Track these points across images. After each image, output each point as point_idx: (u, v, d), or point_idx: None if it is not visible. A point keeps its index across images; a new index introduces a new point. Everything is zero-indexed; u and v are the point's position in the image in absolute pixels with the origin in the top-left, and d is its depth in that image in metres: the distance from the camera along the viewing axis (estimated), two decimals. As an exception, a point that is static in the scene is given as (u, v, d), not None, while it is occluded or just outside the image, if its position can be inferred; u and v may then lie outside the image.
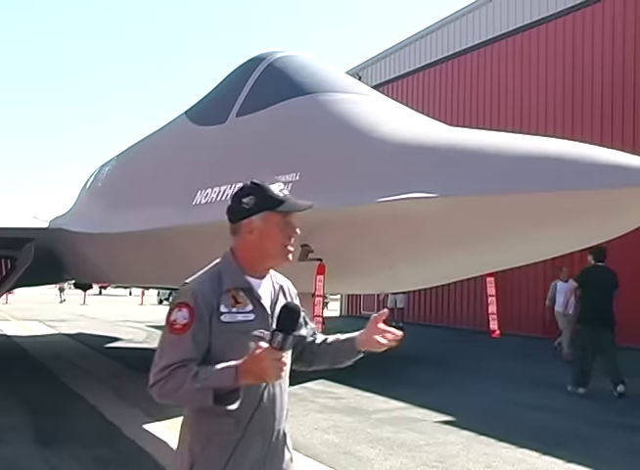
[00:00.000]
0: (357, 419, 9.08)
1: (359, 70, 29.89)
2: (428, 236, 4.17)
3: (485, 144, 3.96)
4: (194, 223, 6.09)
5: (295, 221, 2.87)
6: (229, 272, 2.81)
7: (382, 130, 4.63)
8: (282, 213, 2.82)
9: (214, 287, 2.73)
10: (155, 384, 2.61)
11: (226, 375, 2.52)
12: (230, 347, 2.64)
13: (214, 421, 2.67)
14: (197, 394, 2.53)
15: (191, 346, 2.63)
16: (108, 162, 11.47)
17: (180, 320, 2.67)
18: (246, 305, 2.76)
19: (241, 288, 2.79)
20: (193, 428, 2.76)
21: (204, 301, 2.68)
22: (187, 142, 7.42)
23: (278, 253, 2.84)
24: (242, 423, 2.66)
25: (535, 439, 7.98)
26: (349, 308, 30.82)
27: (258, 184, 2.87)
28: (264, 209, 2.81)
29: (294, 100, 5.65)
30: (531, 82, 21.09)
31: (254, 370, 2.48)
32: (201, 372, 2.55)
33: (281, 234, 2.82)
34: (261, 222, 2.81)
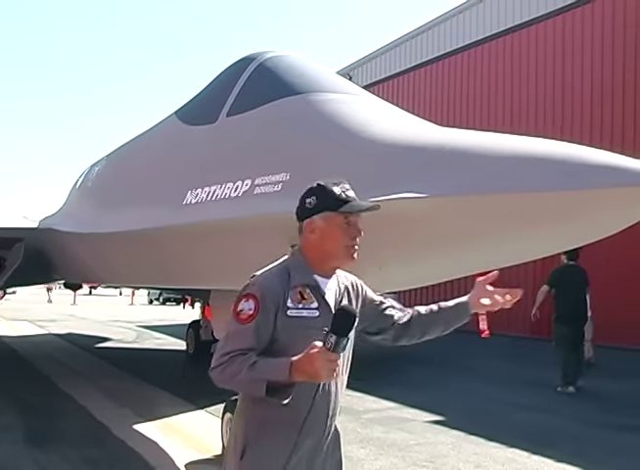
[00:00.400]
0: (347, 419, 9.07)
1: (350, 69, 29.93)
2: (418, 236, 4.17)
3: (475, 144, 3.97)
4: (184, 223, 6.09)
5: (358, 222, 2.90)
6: (297, 269, 2.88)
7: (372, 130, 4.63)
8: (343, 214, 2.84)
9: (282, 282, 2.81)
10: (215, 368, 2.72)
11: (281, 369, 2.57)
12: (294, 341, 2.69)
13: (269, 409, 2.72)
14: (251, 383, 2.61)
15: (253, 336, 2.72)
16: (98, 161, 11.45)
17: (246, 311, 2.75)
18: (312, 301, 2.82)
19: (307, 285, 2.85)
20: (246, 416, 2.86)
21: (270, 294, 2.76)
22: (177, 142, 7.41)
23: (340, 253, 2.89)
24: (296, 413, 2.75)
25: (525, 438, 8.00)
26: (340, 308, 30.79)
27: (322, 185, 2.92)
28: (325, 209, 2.85)
29: (284, 100, 5.64)
30: (521, 83, 21.17)
31: (307, 369, 2.53)
32: (258, 363, 2.62)
33: (343, 234, 2.86)
34: (323, 222, 2.86)
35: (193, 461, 7.03)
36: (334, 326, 2.54)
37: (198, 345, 15.98)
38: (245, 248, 5.53)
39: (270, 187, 4.99)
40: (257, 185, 5.13)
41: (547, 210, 3.50)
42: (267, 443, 2.77)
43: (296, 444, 2.78)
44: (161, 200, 6.85)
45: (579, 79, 19.30)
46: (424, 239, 4.18)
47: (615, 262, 16.80)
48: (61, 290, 31.21)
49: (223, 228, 5.61)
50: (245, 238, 5.44)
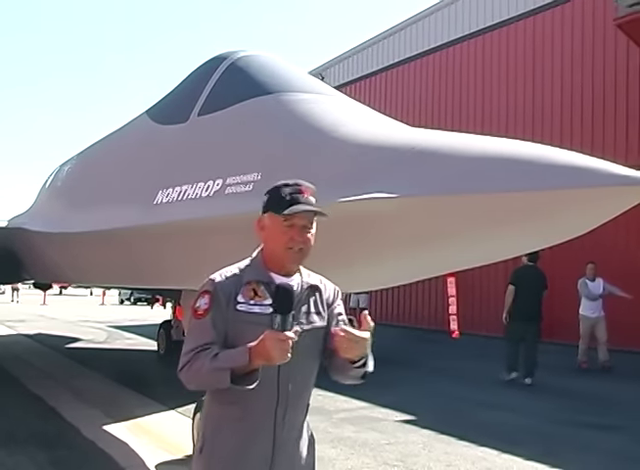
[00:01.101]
0: (319, 419, 9.08)
1: (322, 70, 29.92)
2: (389, 236, 4.18)
3: (445, 144, 3.99)
4: (155, 223, 6.06)
5: (304, 225, 2.89)
6: (253, 266, 2.95)
7: (343, 130, 4.64)
8: (283, 217, 2.84)
9: (235, 278, 2.88)
10: (182, 368, 2.77)
11: (240, 355, 2.63)
12: (243, 336, 2.72)
13: (223, 408, 2.84)
14: (215, 374, 2.65)
15: (211, 329, 2.79)
16: (68, 160, 11.36)
17: (202, 306, 2.84)
18: (265, 298, 2.82)
19: (261, 281, 2.87)
20: (205, 414, 2.97)
21: (222, 289, 2.83)
22: (148, 141, 7.38)
23: (282, 254, 2.89)
24: (249, 411, 2.80)
25: (495, 437, 8.06)
26: (312, 308, 30.81)
27: (277, 185, 2.96)
28: (270, 209, 2.91)
29: (255, 100, 5.64)
30: (493, 84, 21.29)
31: (262, 352, 2.57)
32: (219, 354, 2.68)
33: (283, 236, 2.87)
34: (269, 222, 2.92)
35: (163, 462, 6.99)
36: (275, 305, 2.67)
37: (169, 345, 15.92)
38: (216, 248, 5.52)
39: (241, 187, 4.98)
40: (229, 185, 5.12)
41: (515, 210, 3.53)
42: (220, 440, 2.84)
43: (248, 440, 2.82)
44: (132, 199, 6.81)
45: (549, 81, 19.45)
46: (394, 239, 4.19)
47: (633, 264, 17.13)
48: (30, 290, 30.93)
49: (194, 228, 5.59)
50: (216, 238, 5.42)
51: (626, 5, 13.68)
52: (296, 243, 2.87)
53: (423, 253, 4.25)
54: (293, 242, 2.86)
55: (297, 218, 2.86)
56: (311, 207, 2.90)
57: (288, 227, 2.86)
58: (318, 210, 2.92)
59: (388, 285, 5.68)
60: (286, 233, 2.86)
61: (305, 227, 2.90)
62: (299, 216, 2.87)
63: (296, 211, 2.83)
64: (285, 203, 2.85)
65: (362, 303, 23.49)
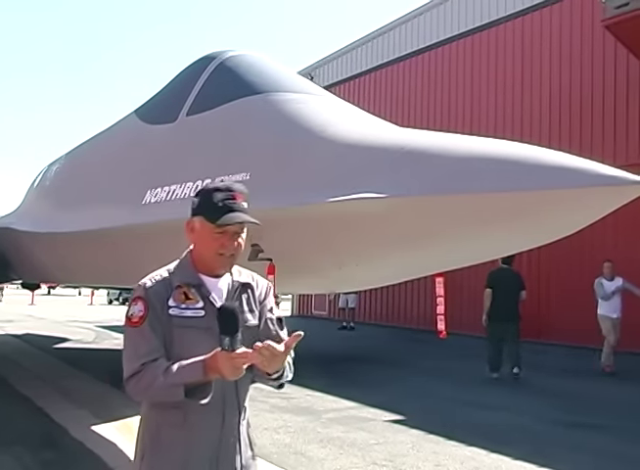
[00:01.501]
0: (308, 419, 9.09)
1: (311, 70, 29.91)
2: (377, 236, 4.19)
3: (434, 145, 4.00)
4: (143, 223, 6.05)
5: (236, 232, 2.84)
6: (183, 269, 2.88)
7: (332, 131, 4.64)
8: (217, 224, 2.78)
9: (166, 282, 2.81)
10: (130, 378, 2.70)
11: (195, 370, 2.58)
12: (176, 341, 2.73)
13: (163, 413, 2.75)
14: (169, 389, 2.59)
15: (151, 336, 2.71)
16: (56, 160, 11.31)
17: (136, 313, 2.74)
18: (197, 301, 2.79)
19: (191, 284, 2.82)
20: (146, 419, 2.85)
21: (154, 294, 2.75)
22: (137, 141, 7.36)
23: (212, 259, 2.86)
24: (191, 416, 2.73)
25: (484, 437, 8.07)
26: (301, 308, 30.84)
27: (208, 188, 2.89)
28: (201, 213, 2.84)
29: (244, 99, 5.63)
30: (482, 84, 21.33)
31: (214, 369, 2.55)
32: (171, 368, 2.60)
33: (214, 242, 2.82)
34: (199, 225, 2.85)
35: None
36: (221, 328, 2.57)
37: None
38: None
39: (230, 187, 4.98)
40: (217, 185, 5.13)
41: (504, 210, 3.54)
42: (161, 447, 2.78)
43: (191, 445, 2.78)
44: (120, 199, 6.80)
45: (538, 81, 19.50)
46: (383, 239, 4.20)
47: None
48: (18, 290, 30.81)
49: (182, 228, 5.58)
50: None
51: (614, 6, 13.73)
52: (227, 249, 2.83)
53: (412, 253, 4.26)
54: (224, 248, 2.82)
55: (230, 226, 2.81)
56: (244, 215, 2.81)
57: (219, 234, 2.81)
58: (251, 220, 2.84)
59: (378, 285, 5.70)
60: (217, 240, 2.81)
61: (237, 233, 2.86)
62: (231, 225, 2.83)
63: (229, 222, 2.77)
64: (218, 210, 2.78)
65: (351, 303, 23.50)
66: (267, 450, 7.44)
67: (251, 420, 8.41)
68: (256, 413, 9.38)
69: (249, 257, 4.70)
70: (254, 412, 9.34)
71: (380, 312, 24.69)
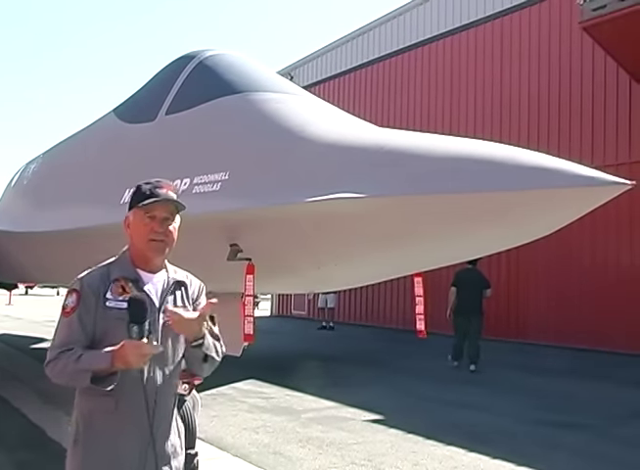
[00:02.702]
0: (287, 419, 9.08)
1: (291, 69, 29.92)
2: (356, 236, 4.19)
3: (413, 145, 4.00)
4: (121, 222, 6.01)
5: (164, 218, 3.03)
6: (121, 264, 3.06)
7: (311, 130, 4.64)
8: (144, 209, 3.00)
9: (103, 276, 2.99)
10: (48, 363, 2.92)
11: (103, 359, 2.75)
12: (111, 331, 2.87)
13: (95, 400, 2.89)
14: (77, 374, 2.79)
15: (78, 327, 2.90)
16: (34, 159, 11.25)
17: (69, 304, 2.97)
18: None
19: (128, 278, 2.99)
20: (79, 407, 3.02)
21: (90, 287, 2.94)
22: (115, 140, 7.32)
23: (145, 246, 3.02)
24: (121, 402, 2.88)
25: (463, 436, 8.10)
26: (280, 308, 30.84)
27: (139, 184, 3.12)
28: (134, 206, 3.06)
29: (223, 99, 5.62)
30: (461, 85, 21.43)
31: (121, 357, 2.72)
32: (83, 356, 2.79)
33: (145, 228, 3.01)
34: (132, 218, 3.07)
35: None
36: (130, 316, 2.79)
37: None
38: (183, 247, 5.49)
39: (209, 186, 4.96)
40: (196, 184, 5.10)
41: (483, 210, 3.55)
42: (94, 433, 2.92)
43: (122, 430, 2.90)
44: (99, 199, 6.76)
45: (517, 82, 19.62)
46: (362, 239, 4.20)
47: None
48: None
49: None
50: (183, 237, 5.38)
51: (591, 9, 13.83)
52: (157, 234, 3.01)
53: (390, 253, 4.27)
54: (154, 233, 3.00)
55: (158, 211, 3.02)
56: (169, 195, 3.04)
57: (149, 219, 3.00)
58: (177, 200, 3.06)
59: (357, 285, 5.70)
60: (147, 225, 3.00)
61: (167, 219, 3.04)
62: (160, 209, 3.02)
63: (153, 200, 2.99)
64: (146, 197, 3.00)
65: (330, 302, 23.49)
66: (246, 450, 7.43)
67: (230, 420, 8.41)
68: (235, 413, 9.36)
69: (228, 256, 4.69)
70: (233, 412, 9.38)
71: (359, 312, 24.73)
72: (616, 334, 16.16)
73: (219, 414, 9.22)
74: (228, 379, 11.78)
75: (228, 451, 7.41)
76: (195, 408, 6.92)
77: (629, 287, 16.21)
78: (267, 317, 29.53)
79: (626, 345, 15.78)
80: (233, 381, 11.77)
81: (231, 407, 9.77)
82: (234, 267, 4.68)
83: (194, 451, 6.62)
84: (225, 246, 4.75)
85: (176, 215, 3.11)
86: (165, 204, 3.04)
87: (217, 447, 7.55)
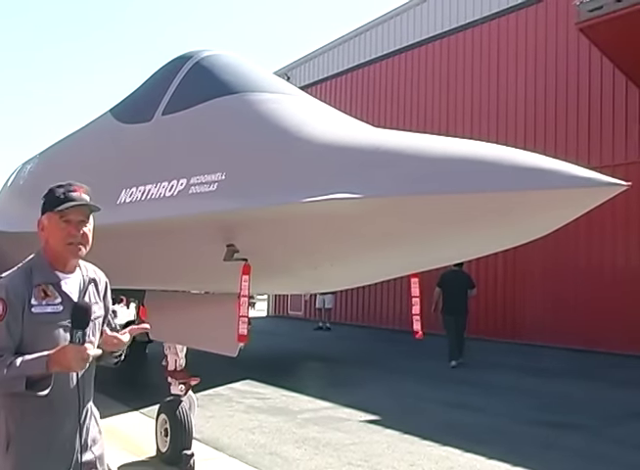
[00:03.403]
0: (283, 419, 9.09)
1: (288, 70, 29.92)
2: (352, 236, 4.18)
3: (410, 145, 3.99)
4: (117, 223, 6.00)
5: (81, 222, 3.17)
6: (39, 268, 3.14)
7: (307, 130, 4.63)
8: (59, 213, 3.12)
9: (26, 282, 3.06)
10: None
11: (38, 364, 2.84)
12: (40, 336, 2.99)
13: (29, 400, 2.95)
14: (11, 381, 2.84)
15: (6, 335, 2.94)
16: (30, 159, 11.21)
17: None
18: (55, 297, 3.08)
19: (49, 282, 3.10)
20: (8, 408, 3.05)
21: (15, 294, 2.99)
22: (112, 140, 7.29)
23: (63, 250, 3.14)
24: (53, 403, 3.02)
25: (458, 436, 8.11)
26: (277, 309, 30.83)
27: (51, 187, 3.24)
28: (47, 209, 3.17)
29: (220, 99, 5.60)
30: (458, 85, 21.44)
31: (61, 362, 2.82)
32: (15, 362, 2.85)
33: (61, 232, 3.12)
34: (46, 221, 3.18)
35: (127, 463, 6.95)
36: (74, 322, 2.90)
37: (132, 345, 15.79)
38: (179, 248, 5.49)
39: (205, 187, 4.95)
40: (193, 184, 5.09)
41: (479, 210, 3.54)
42: (27, 434, 3.02)
43: (55, 427, 3.08)
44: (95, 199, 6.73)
45: (514, 83, 19.65)
46: (359, 239, 4.19)
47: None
48: None
49: (157, 228, 5.55)
50: (179, 238, 5.39)
51: (587, 10, 13.84)
52: (74, 237, 3.13)
53: (387, 253, 4.26)
54: (71, 237, 3.12)
55: (73, 214, 3.14)
56: (83, 199, 3.19)
57: (65, 223, 3.12)
58: (90, 203, 3.22)
59: (354, 285, 5.69)
60: (64, 229, 3.11)
61: (82, 222, 3.17)
62: (75, 212, 3.15)
63: (68, 206, 3.11)
64: (60, 202, 3.11)
65: (328, 303, 23.47)
66: (242, 451, 7.44)
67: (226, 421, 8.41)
68: (232, 414, 9.37)
69: (224, 257, 4.68)
70: (229, 413, 9.38)
71: (356, 313, 24.74)
72: (611, 335, 16.19)
73: (215, 415, 9.22)
74: (225, 379, 11.80)
75: (224, 452, 7.42)
76: (191, 409, 6.94)
77: (625, 288, 16.25)
78: (264, 318, 29.52)
79: (622, 345, 15.81)
80: (229, 381, 11.78)
81: (227, 408, 9.77)
82: (230, 268, 4.67)
83: (190, 452, 6.64)
84: (222, 246, 4.74)
85: (90, 217, 3.25)
86: (81, 208, 3.16)
87: (214, 448, 7.56)
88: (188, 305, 6.50)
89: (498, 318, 19.33)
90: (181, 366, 7.09)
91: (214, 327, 5.97)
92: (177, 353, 7.08)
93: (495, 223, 3.63)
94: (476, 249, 4.32)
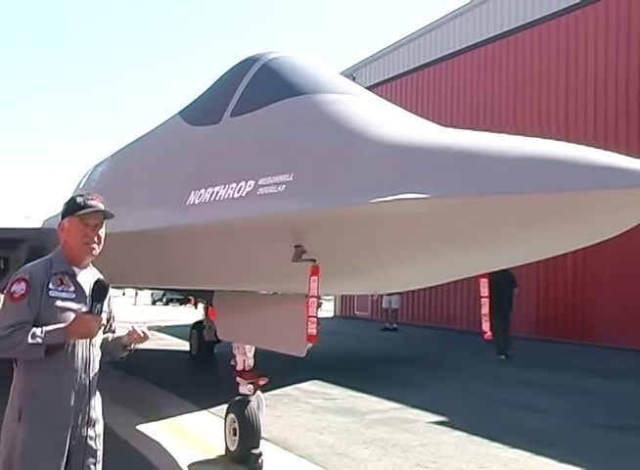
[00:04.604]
0: (351, 420, 9.09)
1: (353, 70, 29.95)
2: (421, 237, 4.15)
3: (479, 145, 3.94)
4: (187, 224, 6.07)
5: (96, 225, 3.91)
6: (58, 261, 3.89)
7: (375, 131, 4.61)
8: (79, 217, 3.86)
9: (46, 270, 3.79)
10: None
11: (58, 334, 3.59)
12: (53, 315, 3.68)
13: (39, 377, 3.66)
14: (34, 348, 3.53)
15: (27, 310, 3.64)
16: (101, 162, 11.44)
17: (18, 291, 3.67)
18: (70, 286, 3.82)
19: (66, 273, 3.84)
20: (22, 383, 3.71)
21: (37, 278, 3.72)
22: (181, 142, 7.39)
23: (80, 248, 3.89)
24: (62, 378, 3.69)
25: (527, 439, 8.01)
26: (343, 309, 30.88)
27: (72, 196, 4.01)
28: (69, 214, 3.91)
29: (287, 100, 5.61)
30: (526, 83, 21.17)
31: (81, 330, 3.64)
32: (36, 331, 3.56)
33: (80, 233, 3.87)
34: (67, 224, 3.92)
35: (196, 462, 7.04)
36: (94, 296, 3.80)
37: (201, 345, 16.03)
38: (248, 248, 5.52)
39: (273, 188, 4.96)
40: (261, 185, 5.10)
41: (552, 211, 3.48)
42: (39, 404, 3.64)
43: (63, 400, 3.70)
44: (165, 200, 6.82)
45: (583, 80, 19.30)
46: (427, 240, 4.16)
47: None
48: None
49: (226, 229, 5.59)
50: (248, 238, 5.42)
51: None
52: (90, 238, 3.88)
53: (456, 254, 4.21)
54: (88, 237, 3.87)
55: (91, 219, 3.89)
56: (99, 206, 3.91)
57: (84, 226, 3.86)
58: (106, 210, 3.96)
59: (422, 286, 5.64)
60: (82, 231, 3.86)
61: (97, 226, 3.93)
62: (92, 217, 3.90)
63: (88, 211, 3.86)
64: (80, 207, 3.87)
65: (394, 303, 23.42)
66: (311, 451, 7.46)
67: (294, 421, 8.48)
68: (299, 414, 9.40)
69: (292, 258, 4.68)
70: (297, 413, 9.43)
71: (423, 313, 24.63)
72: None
73: (283, 415, 9.27)
74: (292, 380, 11.85)
75: (292, 452, 7.45)
76: (259, 408, 6.99)
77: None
78: (330, 318, 29.58)
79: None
80: (297, 382, 11.83)
81: (295, 408, 9.82)
82: (299, 268, 4.68)
83: (258, 451, 6.70)
84: (290, 247, 4.75)
85: (104, 222, 3.97)
86: (97, 213, 3.90)
87: (282, 448, 7.61)
88: (256, 306, 6.54)
89: (568, 319, 19.04)
90: (249, 366, 7.15)
91: (283, 327, 6.00)
92: (245, 353, 7.14)
93: (568, 223, 3.55)
94: (547, 249, 4.25)
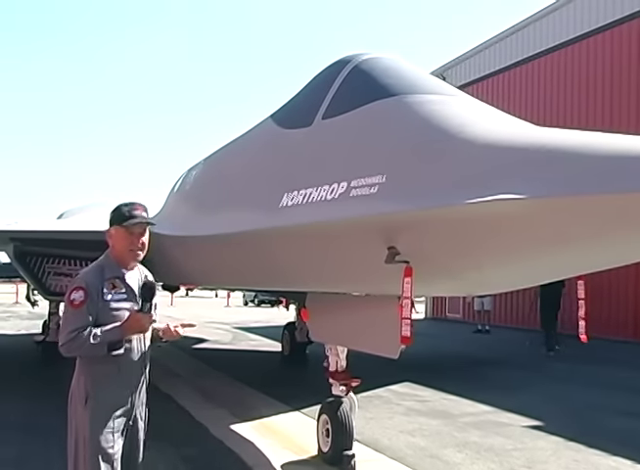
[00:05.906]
0: (443, 423, 9.03)
1: (443, 70, 29.72)
2: (517, 238, 4.09)
3: (576, 144, 3.86)
4: (280, 226, 6.12)
5: (141, 234, 4.37)
6: (109, 266, 4.34)
7: (470, 131, 4.56)
8: (125, 227, 4.30)
9: (98, 276, 4.24)
10: (64, 344, 4.07)
11: (115, 332, 4.08)
12: (110, 316, 4.14)
13: (102, 367, 4.15)
14: (97, 346, 4.02)
15: (86, 315, 4.09)
16: (195, 165, 11.62)
17: (78, 299, 4.11)
18: (121, 289, 4.28)
19: (117, 277, 4.30)
20: (87, 372, 4.19)
21: (92, 285, 4.17)
22: (273, 145, 7.45)
23: (126, 254, 4.36)
24: (122, 368, 4.20)
25: (627, 446, 7.79)
26: (435, 311, 30.69)
27: (118, 206, 4.41)
28: (115, 223, 4.36)
29: (380, 102, 5.60)
30: (622, 80, 20.61)
31: (135, 327, 4.17)
32: (97, 332, 4.03)
33: (126, 241, 4.33)
34: (114, 232, 4.37)
35: (289, 462, 7.10)
36: (144, 296, 4.31)
37: (293, 346, 16.12)
38: (341, 250, 5.53)
39: (366, 189, 4.96)
40: (354, 187, 5.10)
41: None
42: (103, 390, 4.14)
43: (124, 387, 4.24)
44: (258, 203, 6.90)
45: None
46: (522, 241, 4.09)
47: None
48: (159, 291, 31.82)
49: (319, 231, 5.61)
50: (340, 240, 5.43)
51: None
52: (135, 246, 4.35)
53: (552, 255, 4.13)
54: (133, 245, 4.34)
55: (135, 228, 4.33)
56: (142, 218, 4.36)
57: (129, 234, 4.32)
58: (150, 221, 4.48)
59: (516, 287, 5.55)
60: (127, 239, 4.33)
61: (141, 234, 4.38)
62: (137, 227, 4.33)
63: (133, 222, 4.30)
64: (125, 218, 4.31)
65: (487, 305, 23.16)
66: (402, 453, 7.44)
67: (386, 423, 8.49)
68: (391, 416, 9.38)
69: (385, 259, 4.67)
70: (389, 415, 9.41)
71: (516, 315, 24.25)
72: None
73: (375, 416, 9.27)
74: (384, 381, 11.83)
75: (384, 453, 7.44)
76: (352, 410, 7.00)
77: None
78: (422, 320, 29.43)
79: None
80: (388, 383, 11.81)
81: (387, 410, 9.80)
82: (392, 270, 4.66)
83: (351, 452, 6.71)
84: (383, 248, 4.74)
85: (147, 229, 4.43)
86: (141, 224, 4.34)
87: (374, 450, 7.61)
88: (349, 307, 6.55)
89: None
90: (342, 367, 7.17)
91: (375, 329, 6.00)
92: (338, 355, 7.17)
93: None
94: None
